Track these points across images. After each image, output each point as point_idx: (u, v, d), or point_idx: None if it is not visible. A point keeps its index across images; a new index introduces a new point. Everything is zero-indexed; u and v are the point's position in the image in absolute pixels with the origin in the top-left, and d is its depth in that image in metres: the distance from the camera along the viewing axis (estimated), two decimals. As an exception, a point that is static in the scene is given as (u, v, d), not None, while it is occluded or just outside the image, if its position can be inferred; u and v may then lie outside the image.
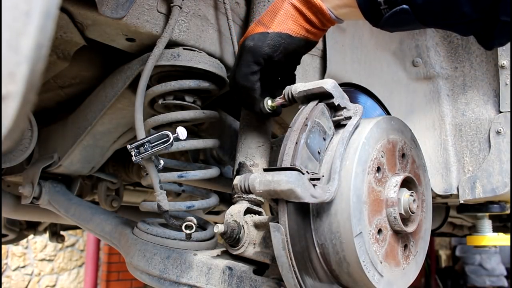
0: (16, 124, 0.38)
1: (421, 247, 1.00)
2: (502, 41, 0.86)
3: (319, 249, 0.85)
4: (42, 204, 1.46)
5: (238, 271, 0.95)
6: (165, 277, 1.02)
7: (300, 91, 0.92)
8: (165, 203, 1.00)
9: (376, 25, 0.90)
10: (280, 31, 0.90)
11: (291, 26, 0.91)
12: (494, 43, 0.85)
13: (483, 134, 1.55)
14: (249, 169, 1.05)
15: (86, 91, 1.36)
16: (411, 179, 0.95)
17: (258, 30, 0.92)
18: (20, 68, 0.37)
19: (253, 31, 0.93)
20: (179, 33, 1.08)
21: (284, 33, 0.90)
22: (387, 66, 1.62)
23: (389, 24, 0.87)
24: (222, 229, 0.93)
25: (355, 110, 0.91)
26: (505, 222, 3.19)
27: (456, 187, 1.58)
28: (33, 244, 4.98)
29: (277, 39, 0.90)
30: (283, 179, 0.74)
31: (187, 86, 1.10)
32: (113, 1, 0.96)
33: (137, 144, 0.95)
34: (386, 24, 0.88)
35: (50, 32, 0.39)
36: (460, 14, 0.81)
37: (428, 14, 0.83)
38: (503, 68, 1.52)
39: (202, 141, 1.18)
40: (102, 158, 1.48)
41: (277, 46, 0.91)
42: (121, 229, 1.21)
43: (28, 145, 1.36)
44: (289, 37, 0.91)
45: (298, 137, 0.83)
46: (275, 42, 0.90)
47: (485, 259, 7.04)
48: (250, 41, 0.92)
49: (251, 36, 0.93)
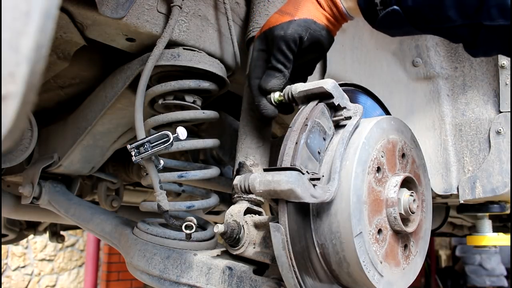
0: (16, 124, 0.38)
1: (421, 247, 1.00)
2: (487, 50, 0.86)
3: (319, 249, 0.85)
4: (42, 204, 1.46)
5: (238, 271, 0.95)
6: (165, 277, 1.02)
7: (300, 91, 0.92)
8: (165, 203, 1.00)
9: (373, 25, 0.92)
10: (306, 17, 0.93)
11: (314, 12, 0.94)
12: (478, 51, 0.86)
13: (483, 134, 1.55)
14: (249, 169, 1.05)
15: (86, 91, 1.36)
16: (411, 179, 0.95)
17: (284, 19, 0.94)
18: (20, 68, 0.37)
19: (278, 21, 0.95)
20: (179, 33, 1.08)
21: (309, 19, 0.93)
22: (387, 66, 1.62)
23: (383, 25, 0.89)
24: (222, 229, 0.93)
25: (355, 110, 0.91)
26: (505, 222, 3.19)
27: (456, 187, 1.58)
28: (33, 244, 4.98)
29: (304, 24, 0.93)
30: (283, 179, 0.74)
31: (187, 86, 1.10)
32: (113, 1, 0.96)
33: (137, 144, 0.95)
34: (380, 25, 0.90)
35: (50, 32, 0.39)
36: (446, 18, 0.82)
37: (417, 16, 0.85)
38: (503, 68, 1.52)
39: (202, 141, 1.18)
40: (102, 158, 1.48)
41: (305, 31, 0.93)
42: (121, 229, 1.21)
43: (28, 145, 1.36)
44: (314, 23, 0.93)
45: (298, 137, 0.83)
46: (303, 27, 0.93)
47: (485, 259, 7.04)
48: (280, 30, 0.94)
49: (279, 26, 0.94)
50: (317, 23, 0.94)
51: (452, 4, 0.80)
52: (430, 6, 0.82)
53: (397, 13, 0.84)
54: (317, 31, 0.94)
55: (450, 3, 0.80)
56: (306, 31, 0.93)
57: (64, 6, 0.96)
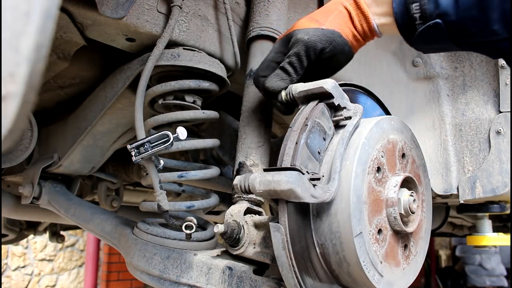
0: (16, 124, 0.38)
1: (421, 247, 1.00)
2: None
3: (319, 249, 0.85)
4: (42, 204, 1.46)
5: (238, 271, 0.95)
6: (165, 277, 1.02)
7: (300, 91, 0.92)
8: (165, 203, 1.00)
9: (409, 40, 0.91)
10: (334, 29, 0.91)
11: (343, 27, 0.92)
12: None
13: (483, 134, 1.55)
14: (249, 169, 1.05)
15: (86, 91, 1.36)
16: (411, 179, 0.95)
17: (312, 25, 0.92)
18: (20, 68, 0.37)
19: (305, 25, 0.93)
20: (179, 33, 1.08)
21: (336, 31, 0.92)
22: (387, 66, 1.62)
23: (421, 39, 0.88)
24: (222, 229, 0.93)
25: (355, 110, 0.91)
26: (505, 222, 3.19)
27: (456, 187, 1.58)
28: (33, 244, 4.98)
29: (330, 36, 0.91)
30: (283, 179, 0.74)
31: (187, 86, 1.10)
32: (113, 1, 0.96)
33: (137, 144, 0.95)
34: (418, 39, 0.89)
35: (50, 32, 0.39)
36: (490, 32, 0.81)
37: (459, 31, 0.84)
38: (503, 68, 1.52)
39: (202, 141, 1.18)
40: (102, 158, 1.48)
41: (329, 43, 0.91)
42: (121, 229, 1.21)
43: (28, 145, 1.36)
44: (340, 36, 0.92)
45: (298, 137, 0.83)
46: (328, 38, 0.91)
47: (485, 259, 7.04)
48: (304, 35, 0.91)
49: (304, 30, 0.92)
50: (342, 37, 0.92)
51: (498, 18, 0.79)
52: (475, 20, 0.81)
53: (439, 27, 0.84)
54: (340, 46, 0.92)
55: (496, 17, 0.79)
56: (330, 44, 0.91)
57: (64, 6, 0.96)
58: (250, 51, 1.16)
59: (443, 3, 0.83)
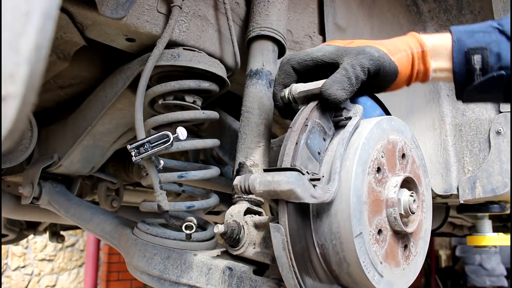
0: (16, 125, 0.38)
1: (421, 248, 1.00)
2: None
3: (319, 250, 0.85)
4: (42, 204, 1.46)
5: (238, 271, 0.95)
6: (165, 277, 1.02)
7: (300, 91, 0.92)
8: (165, 203, 1.00)
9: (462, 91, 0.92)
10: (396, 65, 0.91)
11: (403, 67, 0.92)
12: None
13: (483, 134, 1.55)
14: (249, 169, 1.05)
15: (86, 91, 1.36)
16: (411, 180, 0.95)
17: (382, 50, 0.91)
18: (20, 69, 0.37)
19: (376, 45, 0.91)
20: (179, 33, 1.08)
21: (398, 69, 0.91)
22: (387, 66, 1.62)
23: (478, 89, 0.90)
24: (222, 229, 0.93)
25: (355, 110, 0.91)
26: (505, 222, 3.19)
27: (456, 187, 1.58)
28: (33, 244, 4.98)
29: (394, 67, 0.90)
30: (283, 179, 0.74)
31: (187, 86, 1.10)
32: (113, 1, 0.96)
33: (137, 144, 0.95)
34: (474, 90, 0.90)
35: (50, 33, 0.39)
36: None
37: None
38: (503, 68, 1.52)
39: (202, 141, 1.18)
40: (102, 158, 1.48)
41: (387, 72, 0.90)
42: (121, 229, 1.21)
43: (28, 145, 1.36)
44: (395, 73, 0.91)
45: (298, 137, 0.83)
46: (391, 68, 0.90)
47: (485, 259, 7.05)
48: (374, 52, 0.89)
49: (375, 48, 0.90)
50: (396, 74, 0.92)
51: None
52: None
53: (502, 78, 0.86)
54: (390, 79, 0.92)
55: None
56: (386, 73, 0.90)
57: (64, 6, 0.96)
58: (250, 51, 1.16)
59: (505, 57, 0.86)
